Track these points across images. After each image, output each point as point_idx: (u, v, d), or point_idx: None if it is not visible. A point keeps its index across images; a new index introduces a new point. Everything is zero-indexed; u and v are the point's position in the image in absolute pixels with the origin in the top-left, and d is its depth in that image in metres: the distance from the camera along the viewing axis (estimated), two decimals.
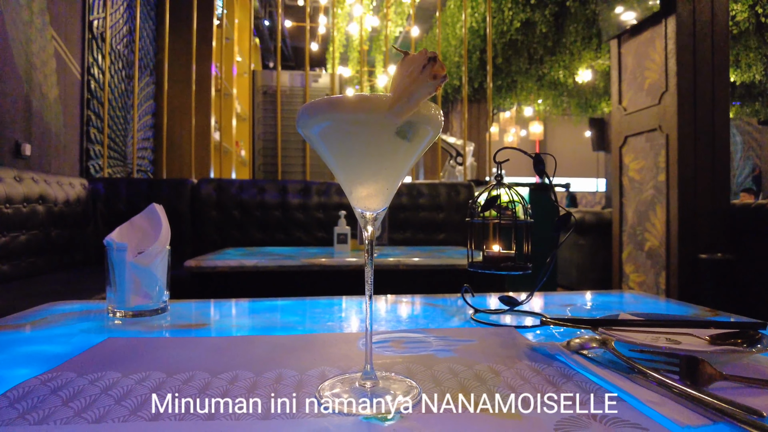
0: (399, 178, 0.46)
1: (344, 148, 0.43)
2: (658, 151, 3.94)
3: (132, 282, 0.81)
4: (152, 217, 0.88)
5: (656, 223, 3.96)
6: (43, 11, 3.03)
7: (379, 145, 0.42)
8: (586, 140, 11.75)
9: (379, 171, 0.44)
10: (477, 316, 0.79)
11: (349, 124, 0.41)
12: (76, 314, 0.83)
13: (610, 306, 0.95)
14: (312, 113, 0.42)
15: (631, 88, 4.25)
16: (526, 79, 7.02)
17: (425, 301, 0.95)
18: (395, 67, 0.42)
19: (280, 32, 4.02)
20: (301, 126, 0.44)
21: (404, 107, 0.39)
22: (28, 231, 2.47)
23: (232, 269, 1.67)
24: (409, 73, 0.39)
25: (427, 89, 0.38)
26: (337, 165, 0.45)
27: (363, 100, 0.40)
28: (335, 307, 0.92)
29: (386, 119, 0.40)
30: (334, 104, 0.41)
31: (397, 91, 0.39)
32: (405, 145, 0.43)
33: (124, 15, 4.18)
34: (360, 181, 0.45)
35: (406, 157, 0.44)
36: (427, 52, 0.38)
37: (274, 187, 3.26)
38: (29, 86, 2.88)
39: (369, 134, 0.41)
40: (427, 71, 0.38)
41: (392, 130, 0.41)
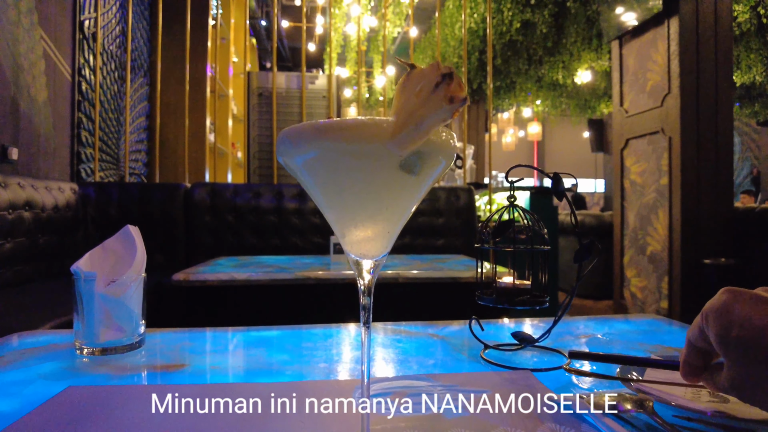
0: (403, 219, 0.38)
1: (335, 184, 0.35)
2: (660, 154, 3.87)
3: (102, 314, 0.73)
4: (126, 241, 0.79)
5: (658, 227, 3.89)
6: (32, 11, 2.94)
7: (379, 181, 0.34)
8: (585, 141, 11.70)
9: (379, 211, 0.36)
10: (487, 354, 0.71)
11: (341, 155, 0.33)
12: (38, 351, 0.75)
13: (634, 337, 0.87)
14: (295, 141, 0.34)
15: (633, 90, 4.18)
16: (525, 80, 6.95)
17: (429, 330, 0.87)
18: (398, 83, 0.34)
19: (277, 32, 3.93)
20: (282, 154, 0.37)
21: (410, 137, 0.31)
22: (14, 239, 2.38)
23: (222, 283, 1.58)
24: (418, 91, 0.31)
25: (440, 115, 0.30)
26: (326, 203, 0.37)
27: (358, 127, 0.32)
28: (330, 340, 0.84)
29: (388, 150, 0.32)
30: (322, 131, 0.33)
31: (402, 114, 0.32)
32: (411, 179, 0.35)
33: (117, 15, 4.09)
34: (355, 224, 0.37)
35: (411, 193, 0.36)
36: (441, 66, 0.30)
37: (269, 191, 3.18)
38: (16, 88, 2.79)
39: (366, 168, 0.34)
40: (441, 91, 0.30)
41: (395, 163, 0.33)
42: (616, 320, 1.00)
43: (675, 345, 0.80)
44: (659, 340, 0.84)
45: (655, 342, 0.82)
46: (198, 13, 4.55)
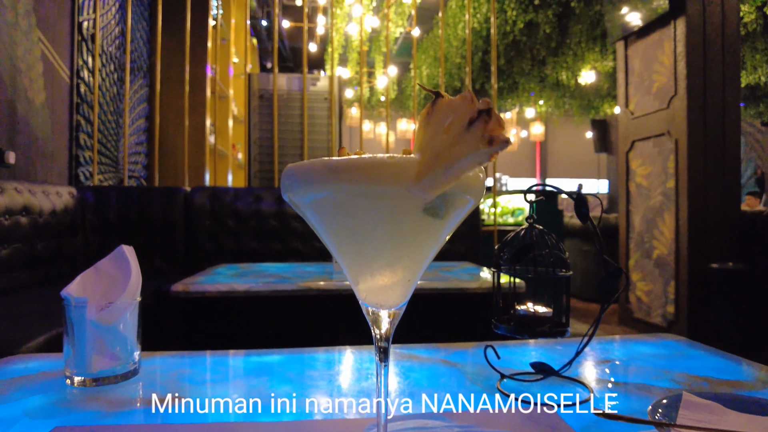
0: (425, 265, 0.34)
1: (349, 228, 0.31)
2: (666, 157, 3.82)
3: (94, 342, 0.69)
4: (120, 262, 0.75)
5: (665, 230, 3.84)
6: (29, 12, 2.90)
7: (400, 226, 0.30)
8: (588, 141, 11.64)
9: (399, 258, 0.32)
10: (504, 384, 0.66)
11: (357, 197, 0.29)
12: (26, 380, 0.71)
13: (657, 362, 0.83)
14: (303, 179, 0.30)
15: (639, 92, 4.13)
16: (528, 81, 6.90)
17: (440, 355, 0.83)
18: (422, 114, 0.30)
19: (278, 33, 3.89)
20: (287, 190, 0.32)
21: (439, 180, 0.27)
22: (11, 245, 2.34)
23: (222, 294, 1.54)
24: (447, 126, 0.27)
25: (476, 158, 0.26)
26: (337, 249, 0.33)
27: (378, 167, 0.27)
28: (335, 367, 0.79)
29: (411, 193, 0.28)
30: (335, 171, 0.28)
31: (429, 153, 0.27)
32: (435, 223, 0.30)
33: (116, 16, 4.04)
34: (371, 272, 0.32)
35: (435, 238, 0.32)
36: (475, 99, 0.26)
37: (270, 194, 3.13)
38: (14, 91, 2.74)
39: (385, 212, 0.29)
40: (478, 130, 0.25)
41: (419, 207, 0.29)
42: (635, 342, 0.95)
43: (701, 372, 0.76)
44: (684, 367, 0.79)
45: (680, 368, 0.78)
46: (198, 13, 4.50)
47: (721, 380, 0.71)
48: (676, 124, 3.72)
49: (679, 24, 3.67)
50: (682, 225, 3.66)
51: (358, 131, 4.05)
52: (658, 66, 3.90)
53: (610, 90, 7.54)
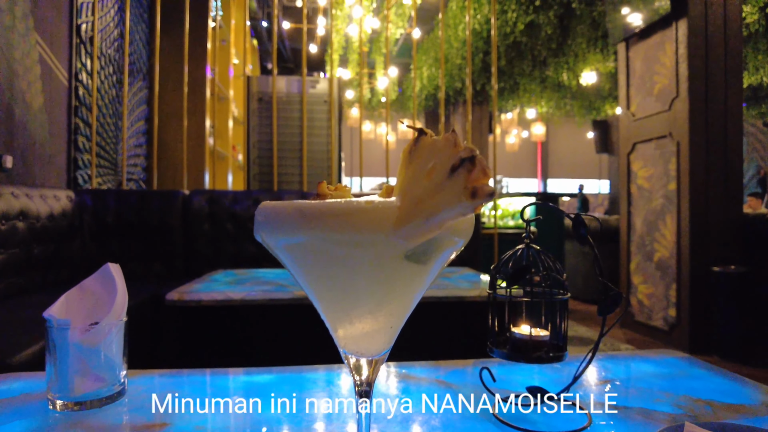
0: (409, 310, 0.32)
1: (325, 274, 0.29)
2: (668, 159, 3.79)
3: (78, 365, 0.67)
4: (106, 281, 0.73)
5: (666, 233, 3.81)
6: (27, 15, 2.88)
7: (380, 273, 0.28)
8: (589, 141, 11.61)
9: (380, 306, 0.30)
10: (501, 410, 0.64)
11: (333, 244, 0.26)
12: (7, 403, 0.69)
13: (657, 383, 0.81)
14: (276, 224, 0.28)
15: (640, 93, 4.11)
16: (529, 82, 6.87)
17: (435, 375, 0.81)
18: (404, 150, 0.28)
19: (278, 35, 3.86)
20: (259, 231, 0.30)
21: (420, 230, 0.25)
22: (8, 250, 2.32)
23: (218, 303, 1.52)
24: (429, 170, 0.25)
25: (457, 210, 0.23)
26: (314, 294, 0.31)
27: (354, 214, 0.25)
28: (332, 388, 0.78)
29: (391, 241, 0.26)
30: (308, 217, 0.26)
31: (409, 200, 0.25)
32: (419, 268, 0.28)
33: (115, 18, 4.02)
34: (350, 319, 0.30)
35: (419, 283, 0.30)
36: (458, 143, 0.24)
37: (269, 198, 3.11)
38: (11, 94, 2.73)
39: (364, 259, 0.27)
40: (460, 179, 0.23)
41: (400, 254, 0.27)
42: (635, 359, 0.93)
43: (704, 395, 0.73)
44: (687, 388, 0.77)
45: (682, 390, 0.75)
46: (197, 15, 4.48)
47: (725, 404, 0.69)
48: (677, 126, 3.69)
49: (681, 25, 3.64)
50: (683, 228, 3.63)
51: (359, 132, 4.03)
52: (660, 67, 3.87)
53: (612, 91, 7.52)
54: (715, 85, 3.63)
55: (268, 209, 0.28)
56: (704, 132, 3.61)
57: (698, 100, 3.60)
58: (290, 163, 3.74)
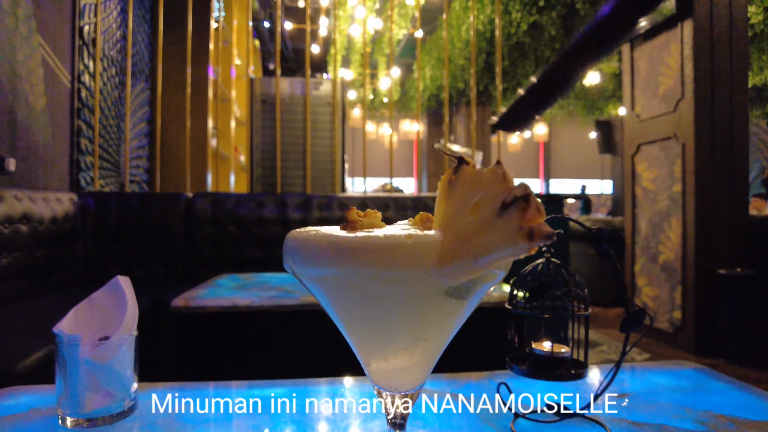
0: (445, 345, 0.30)
1: (359, 308, 0.27)
2: (673, 160, 3.77)
3: (88, 381, 0.65)
4: (116, 294, 0.72)
5: (671, 235, 3.80)
6: (30, 18, 2.87)
7: (418, 309, 0.26)
8: (591, 141, 11.58)
9: (416, 342, 0.28)
10: (519, 425, 0.63)
11: (369, 280, 0.25)
12: (17, 419, 0.67)
13: (677, 398, 0.79)
14: (306, 256, 0.26)
15: (645, 94, 4.09)
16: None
17: (449, 389, 0.79)
18: (442, 181, 0.26)
19: (280, 36, 3.85)
20: (288, 261, 0.29)
21: (467, 270, 0.23)
22: (10, 254, 2.31)
23: (223, 309, 1.51)
24: (474, 205, 0.23)
25: (512, 252, 0.22)
26: (345, 328, 0.29)
27: (394, 250, 0.23)
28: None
29: (433, 278, 0.24)
30: (344, 252, 0.24)
31: (453, 234, 0.23)
32: (459, 303, 0.27)
33: (118, 19, 4.01)
34: (384, 356, 0.29)
35: (458, 318, 0.28)
36: (508, 178, 0.22)
37: (272, 200, 3.10)
38: (14, 97, 2.72)
39: (402, 295, 0.25)
40: (513, 219, 0.21)
41: (441, 290, 0.25)
42: (652, 371, 0.92)
43: (726, 410, 0.72)
44: (707, 403, 0.75)
45: (703, 406, 0.74)
46: (200, 16, 4.48)
47: (748, 421, 0.68)
48: (683, 128, 3.67)
49: (686, 26, 3.62)
50: (689, 230, 3.62)
51: (361, 132, 4.02)
52: (665, 68, 3.85)
53: (615, 91, 7.49)
54: (721, 86, 3.61)
55: (299, 240, 0.27)
56: (710, 133, 3.59)
57: (704, 102, 3.58)
58: (293, 165, 3.72)
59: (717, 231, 3.57)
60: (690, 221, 3.61)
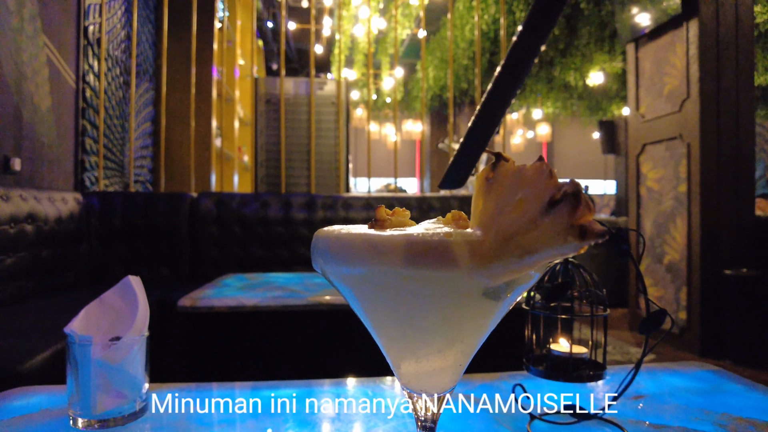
0: (478, 347, 0.29)
1: (391, 309, 0.26)
2: (678, 161, 3.76)
3: (100, 381, 0.65)
4: (126, 294, 0.71)
5: (676, 235, 3.78)
6: (35, 17, 2.87)
7: (454, 310, 0.25)
8: (595, 141, 11.55)
9: (451, 344, 0.27)
10: (535, 426, 0.62)
11: (404, 280, 0.24)
12: (28, 419, 0.67)
13: (693, 400, 0.78)
14: (338, 255, 0.25)
15: (650, 94, 4.07)
16: (536, 82, 6.84)
17: (464, 390, 0.78)
18: (480, 176, 0.26)
19: (284, 35, 3.85)
20: (317, 261, 0.28)
21: (512, 269, 0.22)
22: (15, 254, 2.31)
23: (230, 309, 1.50)
24: (518, 202, 0.22)
25: (563, 251, 0.21)
26: (375, 329, 0.28)
27: (433, 248, 0.23)
28: (350, 411, 0.75)
29: (470, 278, 0.23)
30: (380, 251, 0.24)
31: (495, 232, 0.22)
32: (495, 304, 0.26)
33: (122, 19, 4.02)
34: (416, 358, 0.28)
35: (493, 319, 0.28)
36: (554, 174, 0.22)
37: (277, 200, 3.10)
38: (19, 97, 2.72)
39: (437, 296, 0.25)
40: (563, 216, 0.21)
41: (478, 291, 0.24)
42: (667, 372, 0.91)
43: (744, 413, 0.71)
44: (725, 405, 0.75)
45: (721, 408, 0.73)
46: (204, 16, 4.48)
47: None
48: (688, 128, 3.66)
49: (692, 26, 3.61)
50: (694, 230, 3.60)
51: (364, 132, 4.01)
52: (670, 68, 3.83)
53: (619, 91, 7.47)
54: (727, 86, 3.59)
55: (331, 238, 0.26)
56: (715, 133, 3.57)
57: (709, 102, 3.57)
58: (298, 165, 3.72)
59: (722, 231, 3.55)
60: (695, 221, 3.59)
